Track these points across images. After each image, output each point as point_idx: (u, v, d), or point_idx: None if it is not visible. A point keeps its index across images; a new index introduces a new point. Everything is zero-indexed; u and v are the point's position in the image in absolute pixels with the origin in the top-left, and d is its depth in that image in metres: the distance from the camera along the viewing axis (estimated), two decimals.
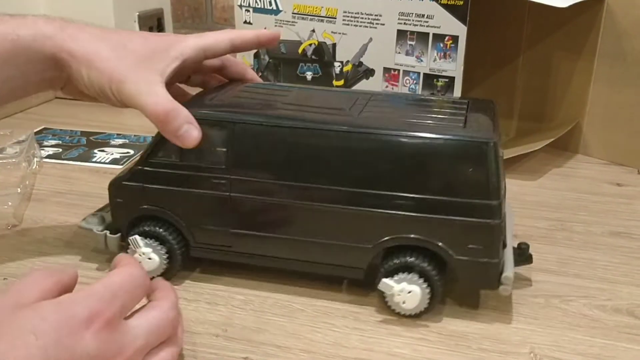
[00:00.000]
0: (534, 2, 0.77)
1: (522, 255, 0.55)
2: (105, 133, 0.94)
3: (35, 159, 0.81)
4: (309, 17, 0.90)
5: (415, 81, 0.83)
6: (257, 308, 0.52)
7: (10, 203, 0.68)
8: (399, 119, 0.52)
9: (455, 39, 0.79)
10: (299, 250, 0.52)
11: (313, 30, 0.90)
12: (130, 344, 0.37)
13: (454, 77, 0.80)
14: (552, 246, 0.64)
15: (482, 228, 0.48)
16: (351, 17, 0.86)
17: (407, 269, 0.50)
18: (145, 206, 0.54)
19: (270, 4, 0.92)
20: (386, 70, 0.85)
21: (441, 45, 0.80)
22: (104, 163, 0.83)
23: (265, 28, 0.93)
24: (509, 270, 0.50)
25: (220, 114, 0.52)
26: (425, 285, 0.49)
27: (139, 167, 0.54)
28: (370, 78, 0.87)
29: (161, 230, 0.54)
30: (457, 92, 0.80)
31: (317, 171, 0.50)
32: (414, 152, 0.48)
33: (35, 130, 0.94)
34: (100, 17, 1.07)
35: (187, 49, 0.53)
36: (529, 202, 0.74)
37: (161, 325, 0.40)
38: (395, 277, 0.50)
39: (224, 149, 0.51)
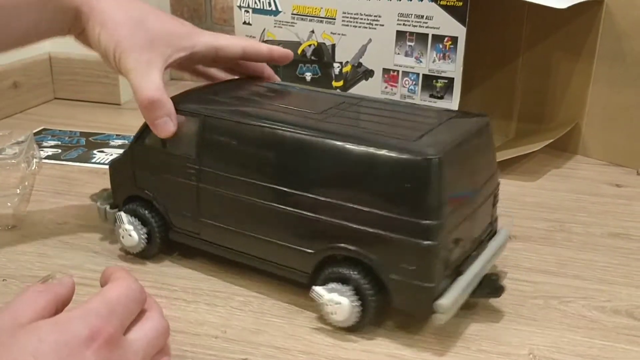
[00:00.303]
0: (533, 3, 0.77)
1: (490, 286, 0.51)
2: (104, 134, 0.94)
3: (35, 160, 0.81)
4: (308, 17, 0.90)
5: (414, 82, 0.83)
6: (256, 309, 0.52)
7: (9, 204, 0.68)
8: (358, 127, 0.50)
9: (454, 40, 0.79)
10: (254, 247, 0.53)
11: (312, 31, 0.90)
12: (132, 359, 0.37)
13: (453, 78, 0.80)
14: (551, 247, 0.64)
15: (415, 248, 0.45)
16: (350, 17, 0.86)
17: (343, 280, 0.48)
18: (135, 187, 0.58)
19: (270, 5, 0.92)
20: (385, 71, 0.85)
21: (440, 46, 0.80)
22: (103, 164, 0.83)
23: (265, 29, 0.93)
24: (448, 297, 0.46)
25: (195, 107, 0.54)
26: (355, 299, 0.48)
27: (129, 151, 0.58)
28: (370, 79, 0.87)
29: (145, 211, 0.57)
30: (457, 93, 0.80)
31: (269, 171, 0.51)
32: (355, 162, 0.47)
33: (34, 131, 0.94)
34: None
35: (200, 44, 0.56)
36: (528, 203, 0.74)
37: (157, 337, 0.40)
38: (329, 286, 0.48)
39: (196, 141, 0.54)
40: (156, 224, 0.57)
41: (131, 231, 0.57)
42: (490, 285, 0.51)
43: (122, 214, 0.58)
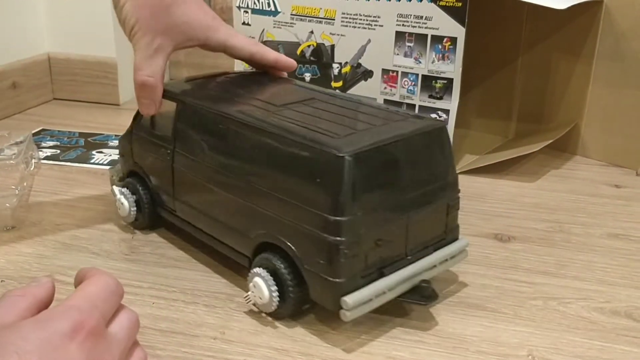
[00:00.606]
0: (532, 3, 0.77)
1: (420, 293, 0.50)
2: (103, 134, 0.94)
3: (34, 160, 0.81)
4: (308, 18, 0.90)
5: (413, 83, 0.83)
6: (255, 311, 0.52)
7: (8, 205, 0.68)
8: (298, 122, 0.51)
9: (453, 40, 0.79)
10: (213, 228, 0.56)
11: (311, 32, 0.90)
12: (116, 350, 0.37)
13: (452, 79, 0.80)
14: (551, 248, 0.64)
15: (324, 243, 0.46)
16: (350, 18, 0.86)
17: (268, 267, 0.50)
18: (132, 163, 0.64)
19: (269, 5, 0.92)
20: (385, 71, 0.85)
21: (440, 46, 0.80)
22: (102, 164, 0.83)
23: (264, 30, 0.93)
24: (354, 296, 0.46)
25: (176, 93, 0.59)
26: (272, 284, 0.49)
27: (130, 128, 0.64)
28: (369, 79, 0.87)
29: (139, 186, 0.63)
30: (456, 93, 0.80)
31: (218, 156, 0.54)
32: (282, 154, 0.49)
33: (33, 132, 0.94)
34: (98, 17, 1.07)
35: (212, 39, 0.60)
36: (527, 204, 0.74)
37: (133, 327, 0.40)
38: (256, 271, 0.50)
39: (172, 124, 0.58)
40: (146, 198, 0.63)
41: (123, 203, 0.63)
42: (421, 292, 0.50)
43: (115, 187, 0.65)
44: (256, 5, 0.93)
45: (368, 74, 0.87)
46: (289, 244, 0.48)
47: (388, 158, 0.48)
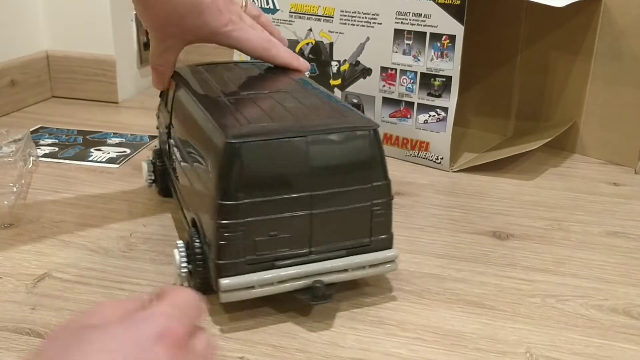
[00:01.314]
0: (531, 1, 0.77)
1: (313, 292, 0.49)
2: (101, 132, 0.94)
3: (32, 158, 0.81)
4: (306, 16, 0.90)
5: (412, 81, 0.83)
6: (253, 307, 0.52)
7: (6, 202, 0.68)
8: (230, 110, 0.52)
9: (452, 38, 0.79)
10: (185, 200, 0.58)
11: (310, 30, 0.90)
12: None
13: (451, 77, 0.80)
14: (549, 246, 0.64)
15: (210, 224, 0.48)
16: (348, 16, 0.86)
17: (187, 242, 0.52)
18: (159, 134, 0.72)
19: (268, 3, 0.92)
20: (383, 69, 0.85)
21: (438, 44, 0.80)
22: (100, 162, 0.83)
23: None
24: (230, 280, 0.47)
25: (176, 74, 0.64)
26: (183, 256, 0.51)
27: (158, 112, 0.72)
28: (368, 77, 0.86)
29: (157, 161, 0.70)
30: (454, 91, 0.80)
31: (181, 131, 0.59)
32: (201, 138, 0.51)
33: (31, 129, 0.93)
34: (97, 15, 1.07)
35: (223, 43, 0.63)
36: (526, 202, 0.74)
37: (212, 348, 0.39)
38: (178, 243, 0.52)
39: (171, 102, 0.64)
40: (158, 170, 0.70)
41: (143, 167, 0.72)
42: (314, 292, 0.49)
43: (144, 162, 0.72)
44: (255, 3, 0.93)
45: (367, 72, 0.86)
46: (198, 222, 0.51)
47: (286, 150, 0.47)
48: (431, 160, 0.84)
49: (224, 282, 0.47)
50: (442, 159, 0.83)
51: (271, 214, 0.48)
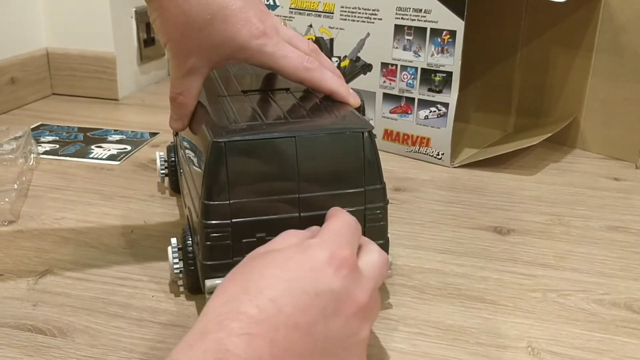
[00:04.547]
0: None
1: None
2: (102, 129, 0.94)
3: (32, 155, 0.81)
4: (306, 12, 0.89)
5: (412, 76, 0.83)
6: None
7: (7, 199, 0.68)
8: (228, 110, 0.51)
9: (452, 33, 0.78)
10: (184, 198, 0.58)
11: (310, 26, 0.90)
12: (367, 284, 0.39)
13: (451, 72, 0.80)
14: (550, 241, 0.64)
15: (198, 224, 0.47)
16: (348, 12, 0.86)
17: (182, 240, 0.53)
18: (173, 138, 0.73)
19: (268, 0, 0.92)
20: (384, 65, 0.85)
21: (439, 40, 0.80)
22: (101, 159, 0.83)
23: None
24: (215, 281, 0.46)
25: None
26: (175, 253, 0.52)
27: None
28: (368, 73, 0.86)
29: (171, 155, 0.71)
30: (455, 87, 0.80)
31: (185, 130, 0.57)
32: (199, 137, 0.51)
33: (32, 127, 0.93)
34: (97, 12, 1.07)
35: (254, 61, 0.52)
36: (526, 197, 0.74)
37: (382, 266, 0.42)
38: (172, 241, 0.52)
39: None
40: (171, 165, 0.71)
41: (158, 160, 0.72)
42: None
43: (157, 152, 0.73)
44: None
45: (367, 68, 0.86)
46: (191, 221, 0.51)
47: (273, 151, 0.46)
48: (432, 155, 0.84)
49: (210, 283, 0.46)
50: (442, 154, 0.83)
51: (258, 215, 0.46)
